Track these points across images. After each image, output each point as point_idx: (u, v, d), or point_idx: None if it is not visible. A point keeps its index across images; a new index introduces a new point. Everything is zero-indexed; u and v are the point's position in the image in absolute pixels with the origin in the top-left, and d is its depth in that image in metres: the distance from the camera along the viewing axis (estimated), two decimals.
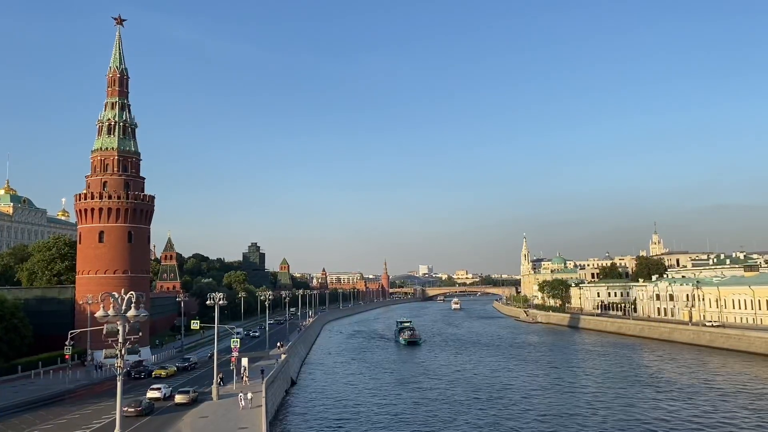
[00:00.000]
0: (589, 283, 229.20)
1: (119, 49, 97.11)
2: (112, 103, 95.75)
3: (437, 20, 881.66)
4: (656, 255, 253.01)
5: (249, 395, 53.62)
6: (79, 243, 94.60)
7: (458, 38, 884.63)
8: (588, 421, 60.44)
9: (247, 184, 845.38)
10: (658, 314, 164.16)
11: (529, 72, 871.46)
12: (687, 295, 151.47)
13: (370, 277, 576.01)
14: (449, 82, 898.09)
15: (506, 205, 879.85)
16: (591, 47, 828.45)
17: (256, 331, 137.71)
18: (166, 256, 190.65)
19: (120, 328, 31.56)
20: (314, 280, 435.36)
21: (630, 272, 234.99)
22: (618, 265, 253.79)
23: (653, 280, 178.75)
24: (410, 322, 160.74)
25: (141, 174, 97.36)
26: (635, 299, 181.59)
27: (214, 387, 57.56)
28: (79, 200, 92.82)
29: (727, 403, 67.57)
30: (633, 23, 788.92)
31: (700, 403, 68.38)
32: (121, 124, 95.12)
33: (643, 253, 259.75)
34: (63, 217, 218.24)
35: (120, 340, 31.74)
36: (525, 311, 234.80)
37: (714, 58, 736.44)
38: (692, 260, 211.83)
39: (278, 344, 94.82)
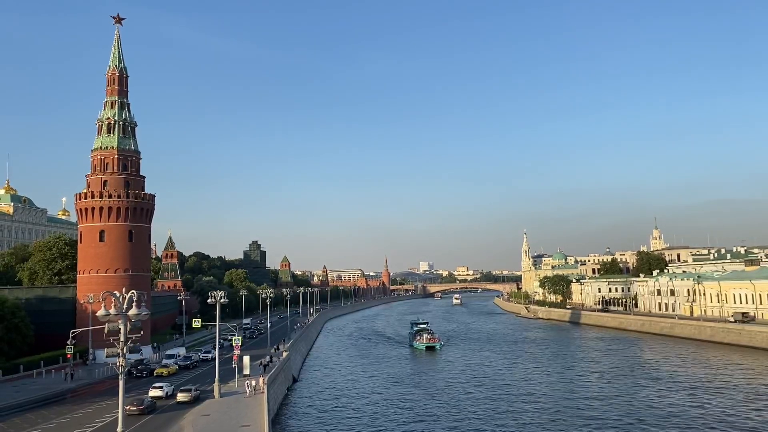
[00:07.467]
0: (589, 278, 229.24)
1: (118, 47, 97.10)
2: (112, 102, 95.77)
3: (435, 13, 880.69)
4: (657, 250, 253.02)
5: (253, 382, 58.22)
6: (80, 242, 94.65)
7: (457, 32, 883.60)
8: (592, 416, 60.51)
9: (248, 181, 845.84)
10: (659, 309, 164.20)
11: (530, 65, 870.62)
12: (688, 290, 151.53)
13: (371, 274, 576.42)
14: (449, 76, 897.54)
15: (507, 201, 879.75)
16: (590, 40, 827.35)
17: (208, 351, 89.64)
18: (166, 254, 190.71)
19: (121, 326, 31.55)
20: (315, 278, 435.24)
21: (631, 268, 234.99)
22: (619, 260, 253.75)
23: (654, 275, 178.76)
24: (427, 323, 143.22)
25: (141, 172, 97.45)
26: (636, 294, 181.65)
27: (215, 385, 57.60)
28: (80, 199, 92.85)
29: (727, 398, 67.64)
30: (633, 16, 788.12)
31: (701, 397, 68.44)
32: (120, 123, 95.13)
33: (643, 249, 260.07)
34: (63, 217, 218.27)
35: (121, 338, 31.73)
36: (526, 307, 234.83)
37: (715, 51, 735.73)
38: (693, 255, 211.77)
39: (274, 347, 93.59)
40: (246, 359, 69.03)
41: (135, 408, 50.45)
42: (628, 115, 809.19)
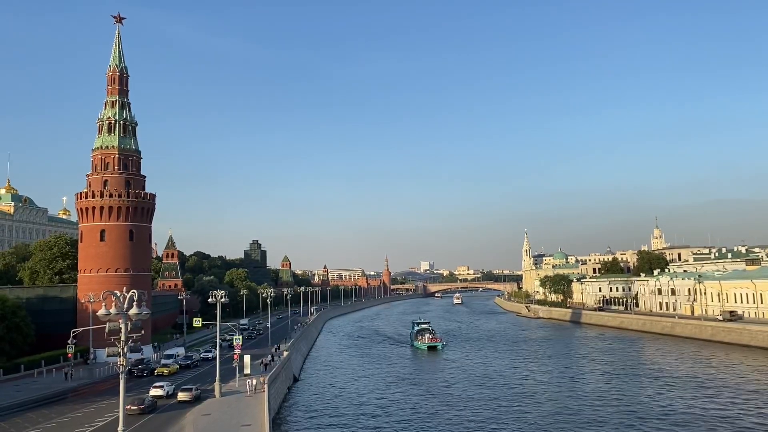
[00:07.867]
0: (590, 278, 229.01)
1: (119, 47, 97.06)
2: (112, 102, 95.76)
3: (435, 13, 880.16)
4: (658, 249, 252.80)
5: (254, 381, 58.67)
6: (81, 242, 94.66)
7: (457, 31, 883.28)
8: (592, 416, 60.48)
9: (247, 181, 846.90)
10: (660, 309, 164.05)
11: (530, 65, 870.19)
12: (689, 289, 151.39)
13: (372, 273, 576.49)
14: (449, 76, 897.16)
15: (507, 201, 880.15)
16: (591, 40, 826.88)
17: (209, 350, 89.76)
18: (167, 254, 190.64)
19: (122, 326, 31.53)
20: (316, 277, 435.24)
21: (631, 267, 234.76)
22: (619, 259, 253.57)
23: (655, 274, 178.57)
24: (428, 323, 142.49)
25: (141, 172, 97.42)
26: (637, 294, 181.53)
27: (216, 384, 57.62)
28: (80, 199, 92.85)
29: (728, 397, 67.55)
30: (633, 15, 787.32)
31: (702, 396, 68.38)
32: (121, 122, 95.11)
33: (644, 248, 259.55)
34: (64, 216, 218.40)
35: (122, 338, 31.72)
36: (527, 307, 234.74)
37: (715, 51, 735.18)
38: (694, 254, 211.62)
39: (275, 347, 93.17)
40: (247, 359, 69.00)
41: (136, 407, 50.44)
42: (629, 115, 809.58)
